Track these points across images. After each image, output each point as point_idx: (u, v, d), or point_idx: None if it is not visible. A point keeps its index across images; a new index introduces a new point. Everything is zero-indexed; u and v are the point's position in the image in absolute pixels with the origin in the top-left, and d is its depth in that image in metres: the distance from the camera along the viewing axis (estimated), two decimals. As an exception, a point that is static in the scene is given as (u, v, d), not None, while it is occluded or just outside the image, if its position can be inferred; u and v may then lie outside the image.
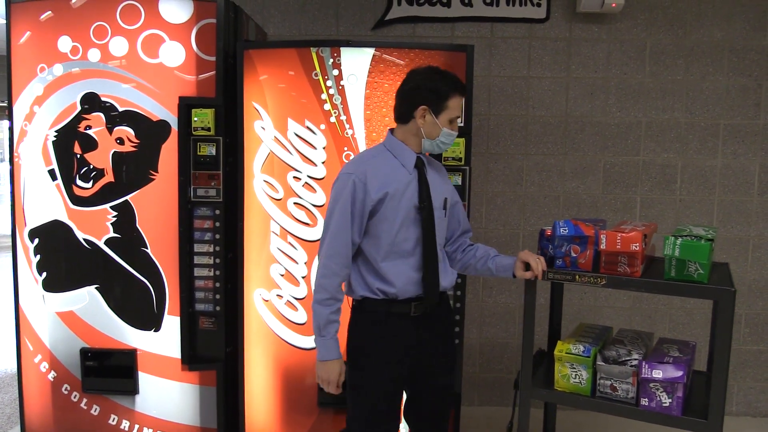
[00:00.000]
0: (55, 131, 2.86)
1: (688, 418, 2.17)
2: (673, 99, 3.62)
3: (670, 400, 2.16)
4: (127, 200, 2.86)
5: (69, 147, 2.86)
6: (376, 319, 2.15)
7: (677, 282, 2.16)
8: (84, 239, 2.89)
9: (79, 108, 2.84)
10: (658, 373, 2.15)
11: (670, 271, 2.17)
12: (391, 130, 2.22)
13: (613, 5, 3.40)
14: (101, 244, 2.89)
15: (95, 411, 3.00)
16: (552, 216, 3.69)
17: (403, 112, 2.16)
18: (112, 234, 2.88)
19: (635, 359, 2.23)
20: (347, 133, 2.78)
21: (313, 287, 2.16)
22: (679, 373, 2.14)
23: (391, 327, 2.15)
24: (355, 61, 2.76)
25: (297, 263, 2.84)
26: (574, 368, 2.30)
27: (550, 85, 3.64)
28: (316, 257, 2.22)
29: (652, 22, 3.58)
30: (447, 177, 2.36)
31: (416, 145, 2.17)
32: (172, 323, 2.91)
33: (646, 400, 2.19)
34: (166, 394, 2.96)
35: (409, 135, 2.16)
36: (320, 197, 2.80)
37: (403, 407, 2.34)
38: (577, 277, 2.25)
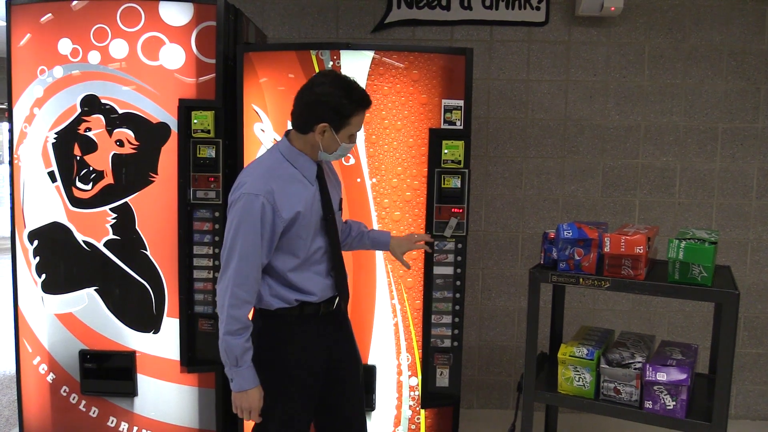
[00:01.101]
0: (55, 133, 2.82)
1: (692, 420, 2.15)
2: (671, 102, 3.58)
3: (674, 403, 2.12)
4: (126, 202, 2.82)
5: (69, 149, 2.82)
6: (289, 322, 2.08)
7: (681, 285, 2.14)
8: (83, 241, 2.85)
9: (79, 110, 2.80)
10: (662, 376, 2.12)
11: (674, 273, 2.15)
12: (287, 134, 2.10)
13: (612, 9, 3.37)
14: (101, 246, 2.85)
15: (94, 413, 2.95)
16: (551, 219, 3.66)
17: (302, 124, 2.02)
18: (111, 236, 2.84)
19: (639, 362, 2.20)
20: (347, 135, 2.74)
21: (221, 316, 1.98)
22: (684, 376, 2.10)
23: (305, 328, 2.09)
24: (355, 64, 2.72)
25: (297, 265, 2.79)
26: (578, 371, 2.27)
27: (549, 88, 3.61)
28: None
29: (651, 26, 3.55)
30: (335, 171, 2.27)
31: (314, 155, 2.06)
32: (171, 325, 2.87)
33: (650, 402, 2.16)
34: (165, 396, 2.92)
35: (307, 145, 2.04)
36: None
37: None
38: (581, 279, 2.22)
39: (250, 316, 2.04)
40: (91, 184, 2.82)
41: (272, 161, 2.05)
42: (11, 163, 2.89)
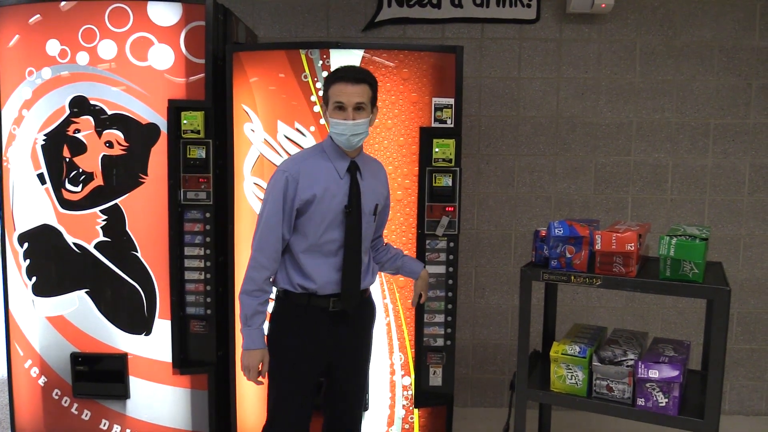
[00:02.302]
0: (44, 135, 2.80)
1: (684, 417, 2.14)
2: (663, 99, 3.57)
3: (666, 400, 2.12)
4: (116, 204, 2.80)
5: (58, 151, 2.80)
6: (296, 311, 2.19)
7: (672, 282, 2.13)
8: (74, 243, 2.83)
9: (68, 111, 2.78)
10: (654, 373, 2.11)
11: (665, 270, 2.14)
12: None
13: (603, 6, 3.36)
14: (91, 248, 2.83)
15: (86, 416, 2.93)
16: (543, 217, 3.65)
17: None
18: (101, 238, 2.82)
19: (631, 359, 2.20)
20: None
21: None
22: (676, 373, 2.10)
23: (309, 320, 2.19)
24: (345, 63, 2.69)
25: (289, 266, 2.78)
26: (570, 369, 2.26)
27: (540, 86, 3.60)
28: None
29: (642, 23, 3.54)
30: (385, 179, 2.39)
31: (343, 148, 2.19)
32: (162, 327, 2.85)
33: (643, 400, 2.15)
34: (158, 398, 2.90)
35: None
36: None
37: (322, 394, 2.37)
38: (572, 277, 2.22)
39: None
40: (80, 185, 2.80)
41: (312, 152, 2.24)
42: (0, 165, 2.87)
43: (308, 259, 2.16)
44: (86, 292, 2.86)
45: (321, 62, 2.71)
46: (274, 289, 2.25)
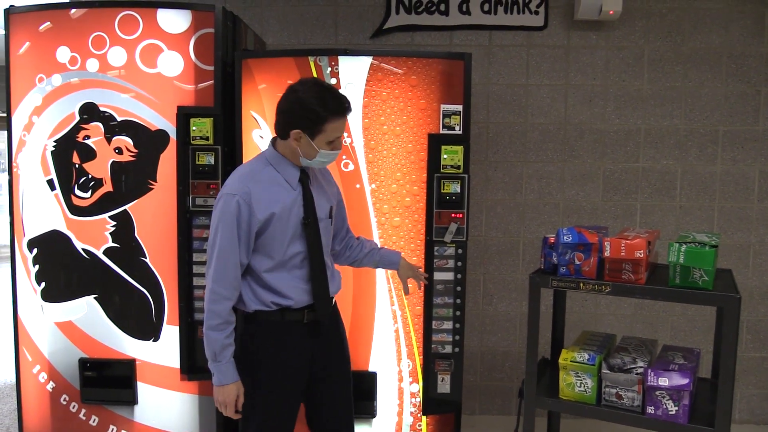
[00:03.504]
0: (54, 141, 2.82)
1: (694, 426, 2.13)
2: (671, 106, 3.57)
3: (676, 408, 2.11)
4: (125, 210, 2.81)
5: (68, 157, 2.81)
6: (271, 328, 2.10)
7: (682, 289, 2.12)
8: (83, 249, 2.84)
9: (77, 118, 2.80)
10: (664, 381, 2.10)
11: (674, 278, 2.13)
12: (273, 140, 2.13)
13: (611, 13, 3.36)
14: (100, 254, 2.84)
15: (94, 422, 2.93)
16: (552, 223, 3.64)
17: (279, 130, 2.07)
18: (110, 244, 2.83)
19: (640, 367, 2.19)
20: (345, 142, 2.73)
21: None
22: (686, 381, 2.09)
23: (286, 335, 2.11)
24: (353, 70, 2.72)
25: (296, 272, 2.78)
26: (579, 377, 2.25)
27: (548, 93, 3.60)
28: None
29: (650, 30, 3.54)
30: (332, 179, 2.31)
31: (296, 160, 2.09)
32: (171, 333, 2.85)
33: (652, 408, 2.14)
34: (165, 404, 2.90)
35: (288, 150, 2.08)
36: (320, 205, 2.75)
37: (306, 414, 2.29)
38: (581, 284, 2.21)
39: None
40: (90, 191, 2.82)
41: (256, 165, 2.11)
42: (10, 171, 2.89)
43: (275, 276, 2.07)
44: (95, 298, 2.86)
45: (330, 69, 2.72)
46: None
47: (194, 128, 2.75)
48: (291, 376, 2.14)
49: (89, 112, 2.79)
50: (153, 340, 2.87)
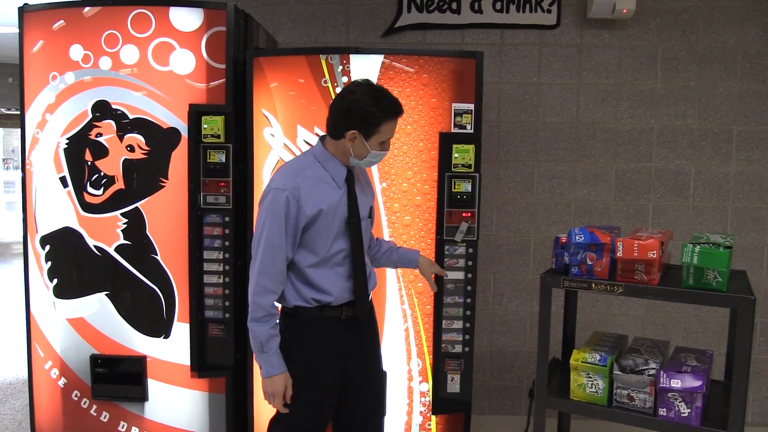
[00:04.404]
0: (67, 139, 2.84)
1: (707, 428, 2.11)
2: (685, 105, 3.54)
3: (688, 410, 2.09)
4: (137, 207, 2.83)
5: (80, 154, 2.83)
6: (310, 324, 2.15)
7: (695, 290, 2.10)
8: (94, 246, 2.86)
9: (90, 116, 2.81)
10: (676, 383, 2.08)
11: (688, 279, 2.11)
12: (322, 138, 2.19)
13: (624, 11, 3.34)
14: (111, 250, 2.85)
15: (105, 418, 2.95)
16: (563, 223, 3.63)
17: (334, 130, 2.12)
18: (122, 241, 2.85)
19: (652, 368, 2.17)
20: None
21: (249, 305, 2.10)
22: (699, 383, 2.07)
23: (325, 331, 2.16)
24: (365, 68, 2.72)
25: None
26: (591, 377, 2.24)
27: (560, 92, 3.58)
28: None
29: (664, 28, 3.51)
30: (369, 180, 2.38)
31: (345, 160, 2.15)
32: (181, 330, 2.86)
33: (665, 410, 2.12)
34: (176, 401, 2.91)
35: (339, 150, 2.13)
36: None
37: (334, 413, 2.31)
38: (593, 285, 2.20)
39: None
40: (102, 189, 2.83)
41: (304, 162, 2.16)
42: (23, 168, 2.91)
43: (318, 272, 2.12)
44: (106, 295, 2.88)
45: (341, 67, 2.72)
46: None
47: (206, 126, 2.75)
48: (328, 372, 2.17)
49: (102, 109, 2.80)
50: (164, 338, 2.88)
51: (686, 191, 3.58)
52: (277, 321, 2.11)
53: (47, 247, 2.89)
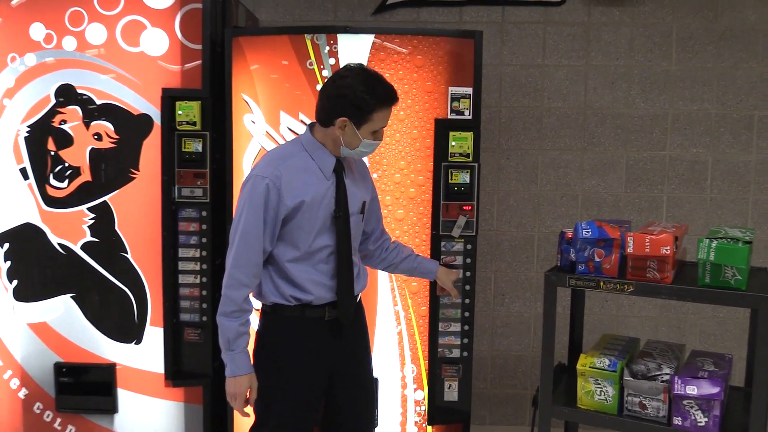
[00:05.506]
0: (28, 126, 2.82)
1: (725, 439, 2.11)
2: (702, 88, 3.55)
3: (705, 419, 2.10)
4: (105, 201, 2.82)
5: (42, 143, 2.82)
6: (289, 324, 2.17)
7: (712, 289, 2.11)
8: (58, 244, 2.85)
9: (53, 101, 2.80)
10: (692, 390, 2.09)
11: (704, 276, 2.12)
12: (311, 126, 2.21)
13: (636, -14, 3.35)
14: (77, 249, 2.84)
15: (71, 432, 2.95)
16: (569, 217, 3.63)
17: (323, 117, 2.13)
18: (89, 238, 2.84)
19: (666, 374, 2.18)
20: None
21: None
22: (716, 390, 2.08)
23: (306, 332, 2.17)
24: (354, 49, 2.71)
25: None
26: (599, 384, 2.25)
27: (567, 74, 3.59)
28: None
29: (679, 5, 3.52)
30: (367, 172, 2.40)
31: (335, 149, 2.16)
32: (154, 335, 2.86)
33: (680, 419, 2.13)
34: (148, 412, 2.91)
35: (328, 138, 2.15)
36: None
37: (322, 420, 2.34)
38: (601, 283, 2.20)
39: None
40: (66, 181, 2.82)
41: (290, 150, 2.18)
42: (-20, 159, 2.89)
43: (298, 268, 2.13)
44: (72, 297, 2.87)
45: (328, 48, 2.71)
46: (258, 304, 2.23)
47: (180, 112, 2.75)
48: (310, 376, 2.18)
49: (66, 94, 2.79)
50: (135, 343, 2.87)
51: (703, 182, 3.60)
52: (248, 318, 2.12)
53: (6, 245, 2.88)
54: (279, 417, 2.17)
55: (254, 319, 2.21)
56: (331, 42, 2.71)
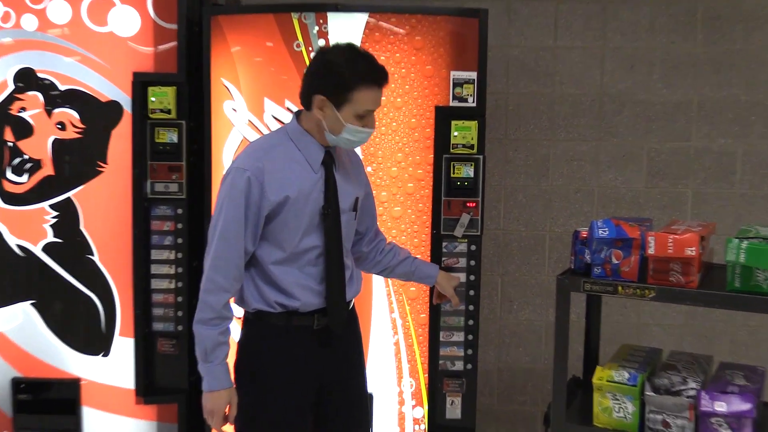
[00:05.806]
0: (-18, 114, 2.83)
1: (757, 460, 2.11)
2: (730, 73, 3.56)
3: (735, 439, 2.10)
4: (69, 198, 2.83)
5: (-1, 134, 2.82)
6: (274, 333, 2.15)
7: (743, 294, 2.11)
8: (17, 245, 2.86)
9: (11, 86, 2.81)
10: (721, 406, 2.09)
11: (733, 280, 2.12)
12: (298, 114, 2.19)
13: (658, -40, 3.35)
14: (38, 250, 2.85)
15: (30, 455, 2.96)
16: (584, 215, 3.64)
17: (302, 97, 2.12)
18: (51, 238, 2.85)
19: (692, 389, 2.18)
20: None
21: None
22: (748, 406, 2.08)
23: (292, 342, 2.15)
24: (346, 30, 2.72)
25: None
26: (618, 400, 2.25)
27: (581, 57, 3.59)
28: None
29: (705, -19, 3.53)
30: (361, 165, 2.38)
31: (322, 138, 2.14)
32: (124, 347, 2.87)
33: (706, 438, 2.13)
34: (118, 433, 2.91)
35: (313, 124, 2.12)
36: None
37: None
38: (620, 288, 2.20)
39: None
40: (26, 175, 2.83)
41: (274, 140, 2.18)
42: (-70, 151, 2.89)
43: (284, 271, 2.11)
44: (31, 305, 2.88)
45: (317, 28, 2.72)
46: (239, 311, 2.21)
47: (153, 99, 2.76)
48: (296, 390, 2.17)
49: (25, 79, 2.80)
50: (102, 356, 2.88)
51: (732, 176, 3.60)
52: (228, 327, 2.10)
53: (-41, 247, 2.88)
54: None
55: (235, 328, 2.20)
56: (321, 21, 2.71)
